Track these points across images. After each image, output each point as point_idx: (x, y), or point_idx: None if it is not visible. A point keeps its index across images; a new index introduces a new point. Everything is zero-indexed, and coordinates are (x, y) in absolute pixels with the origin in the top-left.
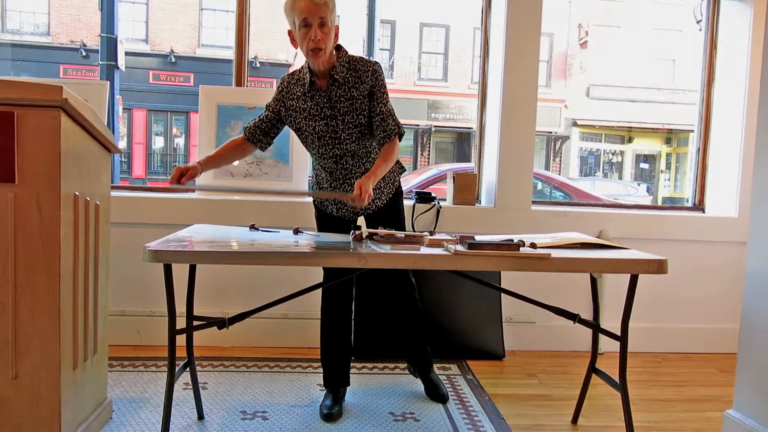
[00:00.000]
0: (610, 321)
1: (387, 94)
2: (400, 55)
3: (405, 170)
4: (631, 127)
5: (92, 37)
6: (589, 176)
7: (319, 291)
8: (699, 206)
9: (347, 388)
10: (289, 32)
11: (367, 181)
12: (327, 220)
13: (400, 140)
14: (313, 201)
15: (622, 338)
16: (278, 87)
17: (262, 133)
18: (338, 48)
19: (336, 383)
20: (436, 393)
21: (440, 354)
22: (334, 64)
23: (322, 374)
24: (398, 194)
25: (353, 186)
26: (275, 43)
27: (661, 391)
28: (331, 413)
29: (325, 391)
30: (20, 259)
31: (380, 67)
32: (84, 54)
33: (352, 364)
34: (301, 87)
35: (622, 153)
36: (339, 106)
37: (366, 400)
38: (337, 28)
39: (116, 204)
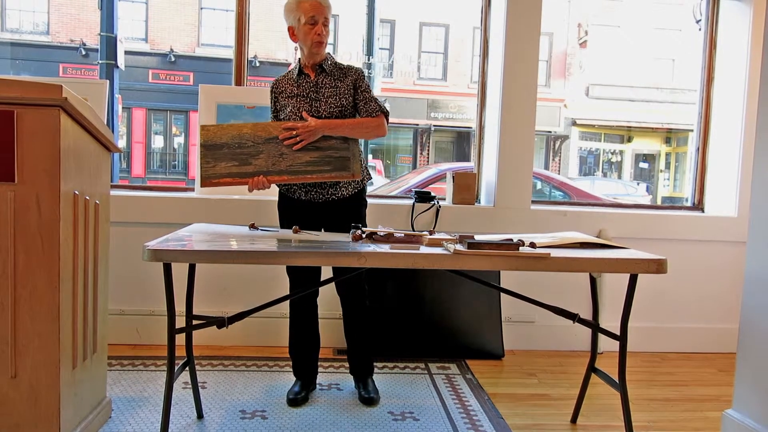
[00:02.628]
0: (610, 320)
1: (370, 88)
2: (400, 54)
3: (371, 179)
4: (630, 127)
5: (92, 36)
6: (588, 176)
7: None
8: (698, 206)
9: (317, 378)
10: (290, 28)
11: (319, 122)
12: (292, 208)
13: (387, 121)
14: (279, 188)
15: (622, 338)
16: (271, 90)
17: None
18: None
19: (304, 373)
20: (368, 398)
21: (439, 353)
22: (324, 59)
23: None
24: (363, 197)
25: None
26: (275, 43)
27: (660, 391)
28: (297, 398)
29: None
30: (20, 258)
31: (363, 71)
32: (83, 53)
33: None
34: (290, 79)
35: (621, 152)
36: (323, 91)
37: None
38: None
39: (116, 203)
